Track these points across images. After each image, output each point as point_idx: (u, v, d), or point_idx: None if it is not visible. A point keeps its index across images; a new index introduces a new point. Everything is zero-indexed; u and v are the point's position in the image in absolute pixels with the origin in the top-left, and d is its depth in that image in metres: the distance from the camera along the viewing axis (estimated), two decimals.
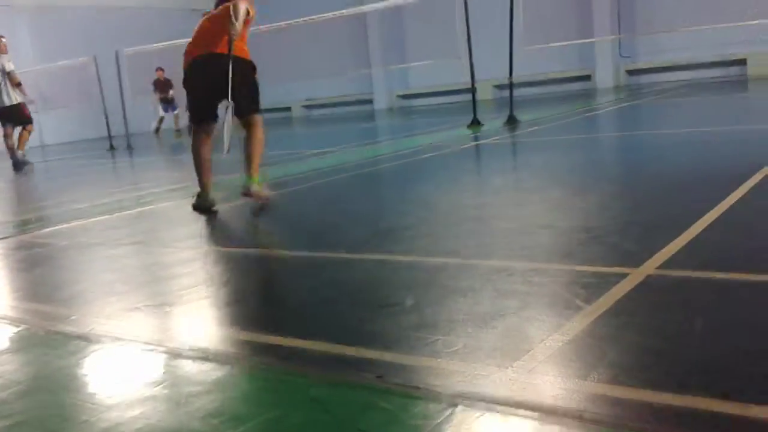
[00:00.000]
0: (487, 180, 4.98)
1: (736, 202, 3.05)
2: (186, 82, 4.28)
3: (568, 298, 2.03)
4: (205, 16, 4.28)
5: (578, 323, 1.83)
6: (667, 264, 2.27)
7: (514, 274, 2.37)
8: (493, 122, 9.19)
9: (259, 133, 4.20)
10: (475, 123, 9.20)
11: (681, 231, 2.61)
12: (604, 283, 2.13)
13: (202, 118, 4.28)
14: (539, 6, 11.91)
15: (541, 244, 2.78)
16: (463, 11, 9.39)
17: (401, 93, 19.82)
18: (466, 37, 9.34)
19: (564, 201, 3.79)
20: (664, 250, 2.40)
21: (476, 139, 7.90)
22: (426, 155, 6.55)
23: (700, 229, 2.65)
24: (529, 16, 9.99)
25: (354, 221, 3.74)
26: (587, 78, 17.73)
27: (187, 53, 4.24)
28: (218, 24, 4.08)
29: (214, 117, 4.30)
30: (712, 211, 2.88)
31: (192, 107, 4.29)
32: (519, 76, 10.44)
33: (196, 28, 4.29)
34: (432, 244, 3.01)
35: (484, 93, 17.12)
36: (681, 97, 11.24)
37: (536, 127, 8.16)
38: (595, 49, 17.27)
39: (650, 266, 2.26)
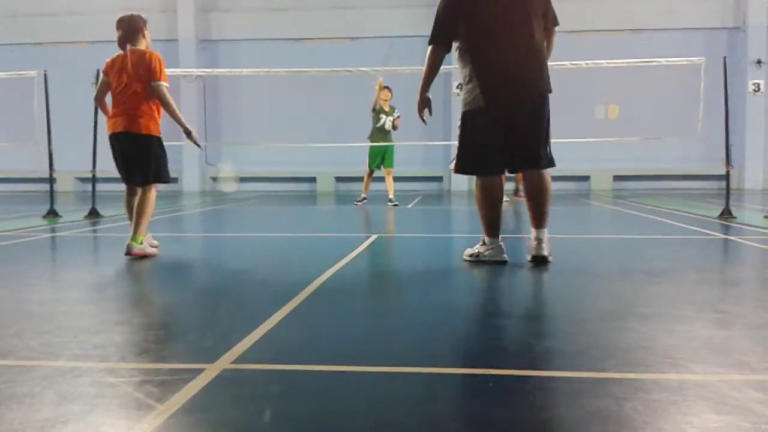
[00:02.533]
0: (60, 275, 4.58)
1: (301, 302, 3.34)
2: None
3: (140, 398, 1.93)
4: None
5: (149, 424, 1.74)
6: (242, 358, 2.34)
7: (81, 375, 2.17)
8: (72, 215, 8.62)
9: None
10: (52, 214, 8.53)
11: (255, 327, 2.74)
12: (179, 381, 2.09)
13: None
14: None
15: (115, 342, 2.62)
16: (44, 95, 8.82)
17: None
18: (45, 122, 8.75)
19: (145, 298, 3.68)
20: (239, 345, 2.48)
21: (52, 231, 7.28)
22: None
23: (271, 326, 2.81)
24: None
25: None
26: (174, 180, 18.03)
27: None
28: None
29: None
30: (281, 309, 3.10)
31: None
32: (102, 171, 10.09)
33: None
34: None
35: (65, 185, 16.09)
36: (260, 205, 12.10)
37: (119, 223, 7.88)
38: (183, 153, 17.77)
39: (225, 361, 2.30)
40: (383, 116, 11.04)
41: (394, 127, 11.08)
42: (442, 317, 3.07)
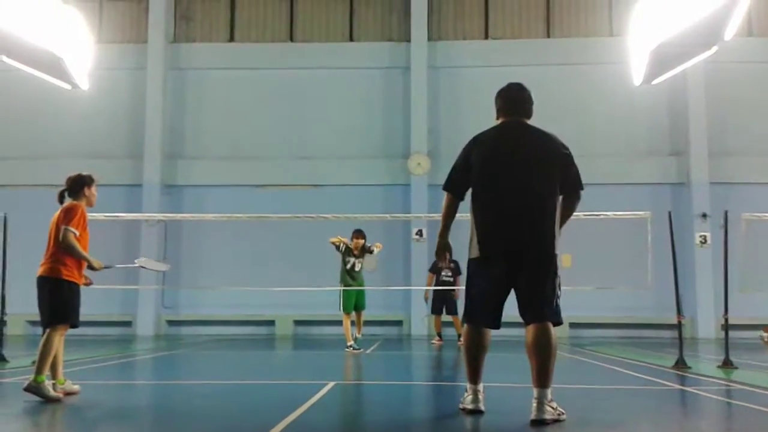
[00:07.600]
0: (1, 425, 4.38)
1: None
2: None
3: None
4: None
5: None
6: None
7: None
8: (21, 359, 8.35)
9: None
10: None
11: None
12: None
13: None
14: (96, 242, 11.78)
15: None
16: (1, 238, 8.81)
17: None
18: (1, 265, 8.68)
19: None
20: None
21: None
22: None
23: None
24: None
25: None
26: (128, 324, 17.60)
27: None
28: None
29: None
30: None
31: None
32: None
33: None
34: None
35: (16, 328, 15.52)
36: (215, 350, 11.83)
37: (68, 369, 7.61)
38: (138, 296, 17.48)
39: None
40: (351, 258, 10.94)
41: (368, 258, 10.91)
42: None
